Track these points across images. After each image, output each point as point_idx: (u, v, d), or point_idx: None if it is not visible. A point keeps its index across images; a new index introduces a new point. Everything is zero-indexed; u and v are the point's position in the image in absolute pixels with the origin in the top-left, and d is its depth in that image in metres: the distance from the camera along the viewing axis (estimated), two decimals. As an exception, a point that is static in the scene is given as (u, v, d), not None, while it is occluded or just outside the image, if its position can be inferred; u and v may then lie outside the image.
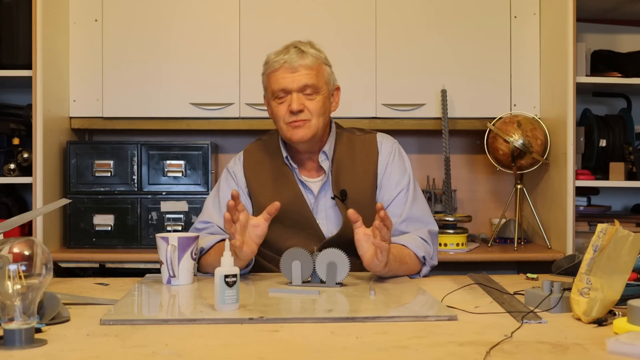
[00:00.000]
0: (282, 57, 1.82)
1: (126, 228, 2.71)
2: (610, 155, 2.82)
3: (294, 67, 1.82)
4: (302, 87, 1.82)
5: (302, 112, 1.82)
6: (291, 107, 1.81)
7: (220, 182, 1.97)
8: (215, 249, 1.80)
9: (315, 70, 1.84)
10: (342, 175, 1.89)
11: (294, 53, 1.83)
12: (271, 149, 1.96)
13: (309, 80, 1.82)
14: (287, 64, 1.81)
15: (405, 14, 2.88)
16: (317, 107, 1.84)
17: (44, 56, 2.55)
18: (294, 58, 1.82)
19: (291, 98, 1.82)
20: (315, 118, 1.84)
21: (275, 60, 1.84)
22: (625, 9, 3.00)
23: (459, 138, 3.13)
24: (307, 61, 1.82)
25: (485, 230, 3.14)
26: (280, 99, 1.84)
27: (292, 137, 1.84)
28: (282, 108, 1.84)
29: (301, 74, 1.82)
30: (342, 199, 1.85)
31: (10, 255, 1.16)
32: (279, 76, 1.83)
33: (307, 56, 1.83)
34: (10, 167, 2.63)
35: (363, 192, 1.89)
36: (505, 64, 2.90)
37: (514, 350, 1.07)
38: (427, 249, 1.81)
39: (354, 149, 1.94)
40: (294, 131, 1.83)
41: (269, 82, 1.86)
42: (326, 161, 1.90)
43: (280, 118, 1.85)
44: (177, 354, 1.06)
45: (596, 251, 1.25)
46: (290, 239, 1.82)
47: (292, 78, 1.82)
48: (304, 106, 1.82)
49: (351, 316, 1.30)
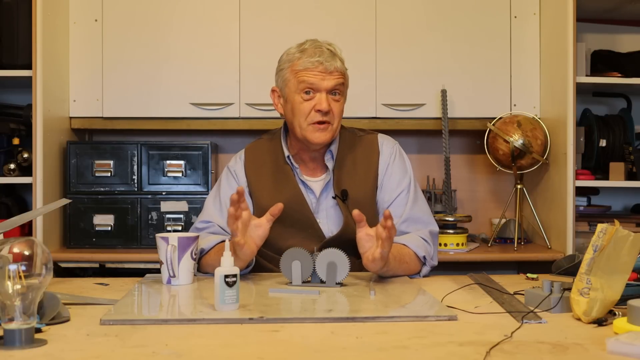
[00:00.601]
0: (316, 59, 1.81)
1: (126, 228, 2.71)
2: (610, 155, 2.82)
3: (329, 70, 1.82)
4: (333, 88, 1.83)
5: (328, 114, 1.83)
6: (321, 106, 1.81)
7: (221, 181, 1.97)
8: (216, 250, 1.80)
9: (343, 75, 1.86)
10: (343, 175, 1.89)
11: (327, 55, 1.83)
12: (273, 148, 1.96)
13: (339, 82, 1.84)
14: (321, 65, 1.81)
15: (405, 14, 2.88)
16: (340, 110, 1.86)
17: (44, 56, 2.55)
18: (329, 59, 1.82)
19: (320, 97, 1.82)
20: (337, 122, 1.86)
21: (309, 61, 1.82)
22: (625, 9, 3.00)
23: (459, 138, 3.13)
24: (338, 65, 1.84)
25: (485, 230, 3.14)
26: (306, 95, 1.83)
27: (314, 139, 1.84)
28: (307, 105, 1.83)
29: (335, 75, 1.83)
30: (343, 199, 1.85)
31: (10, 255, 1.16)
32: (311, 74, 1.82)
33: (338, 60, 1.85)
34: (10, 167, 2.63)
35: (363, 192, 1.89)
36: (505, 64, 2.90)
37: (514, 350, 1.07)
38: (427, 249, 1.81)
39: (355, 149, 1.94)
40: (317, 133, 1.83)
41: (297, 77, 1.83)
42: (331, 160, 1.91)
43: (303, 115, 1.83)
44: (177, 354, 1.06)
45: (596, 251, 1.25)
46: (290, 238, 1.82)
47: (325, 78, 1.82)
48: (330, 107, 1.83)
49: (351, 316, 1.30)
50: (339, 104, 1.85)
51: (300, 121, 1.84)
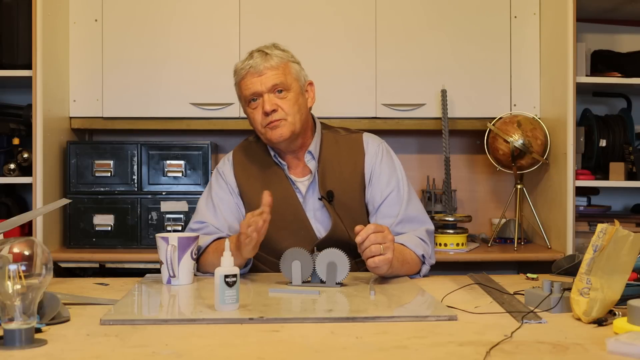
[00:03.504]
0: (247, 63, 1.85)
1: (126, 228, 2.71)
2: (610, 155, 2.82)
3: (260, 71, 1.83)
4: (271, 87, 1.83)
5: (276, 111, 1.83)
6: (264, 109, 1.82)
7: (212, 182, 1.98)
8: (212, 248, 1.80)
9: (282, 69, 1.85)
10: (328, 176, 1.89)
11: (257, 57, 1.85)
12: (260, 149, 1.96)
13: (277, 80, 1.83)
14: (252, 68, 1.83)
15: (406, 14, 2.88)
16: (290, 104, 1.85)
17: (44, 56, 2.55)
18: (259, 62, 1.84)
19: (263, 100, 1.83)
20: (292, 116, 1.85)
21: (241, 68, 1.86)
22: (625, 9, 3.00)
23: (459, 138, 3.13)
24: (272, 62, 1.84)
25: (485, 230, 3.14)
26: (254, 103, 1.85)
27: (271, 138, 1.85)
28: (257, 113, 1.85)
29: (268, 75, 1.83)
30: (329, 200, 1.85)
31: (10, 255, 1.16)
32: (247, 82, 1.84)
33: (271, 57, 1.85)
34: (10, 167, 2.63)
35: (350, 193, 1.89)
36: (505, 64, 2.90)
37: (514, 350, 1.07)
38: (425, 248, 1.82)
39: (339, 149, 1.94)
40: (272, 132, 1.84)
41: (240, 90, 1.88)
42: (312, 161, 1.91)
43: (257, 123, 1.86)
44: (177, 354, 1.06)
45: (596, 251, 1.25)
46: (283, 240, 1.81)
47: (259, 81, 1.83)
48: (277, 106, 1.83)
49: (351, 316, 1.30)
50: (286, 99, 1.84)
51: (258, 128, 1.87)
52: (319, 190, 1.87)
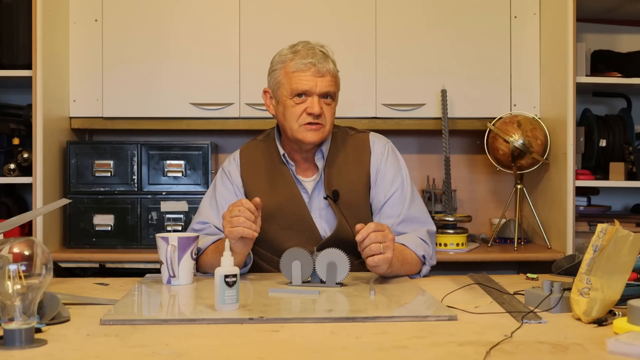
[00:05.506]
0: (309, 60, 1.82)
1: (126, 228, 2.71)
2: (610, 155, 2.82)
3: (322, 72, 1.82)
4: (325, 93, 1.84)
5: (320, 116, 1.83)
6: (313, 110, 1.81)
7: (216, 182, 1.97)
8: (212, 248, 1.80)
9: (335, 78, 1.87)
10: (334, 175, 1.89)
11: (320, 56, 1.83)
12: (267, 149, 1.96)
13: (331, 88, 1.84)
14: (314, 67, 1.82)
15: (405, 14, 2.88)
16: (331, 113, 1.87)
17: (44, 56, 2.55)
18: (322, 62, 1.83)
19: (312, 101, 1.82)
20: (329, 125, 1.87)
21: (301, 62, 1.82)
22: (625, 9, 3.00)
23: (459, 138, 3.13)
24: (329, 67, 1.84)
25: (485, 230, 3.14)
26: (298, 98, 1.84)
27: (306, 139, 1.84)
28: (299, 108, 1.83)
29: (327, 79, 1.83)
30: (334, 200, 1.85)
31: (10, 255, 1.16)
32: (305, 77, 1.82)
33: (330, 62, 1.85)
34: (10, 167, 2.63)
35: (355, 192, 1.89)
36: (505, 64, 2.90)
37: (514, 350, 1.07)
38: (426, 249, 1.82)
39: (346, 149, 1.94)
40: (309, 133, 1.83)
41: (290, 80, 1.84)
42: (321, 160, 1.91)
43: (294, 117, 1.84)
44: (177, 354, 1.06)
45: (596, 251, 1.25)
46: (287, 241, 1.81)
47: (316, 82, 1.82)
48: (322, 111, 1.83)
49: (351, 316, 1.30)
50: (330, 107, 1.86)
51: (292, 123, 1.85)
52: (325, 190, 1.88)
